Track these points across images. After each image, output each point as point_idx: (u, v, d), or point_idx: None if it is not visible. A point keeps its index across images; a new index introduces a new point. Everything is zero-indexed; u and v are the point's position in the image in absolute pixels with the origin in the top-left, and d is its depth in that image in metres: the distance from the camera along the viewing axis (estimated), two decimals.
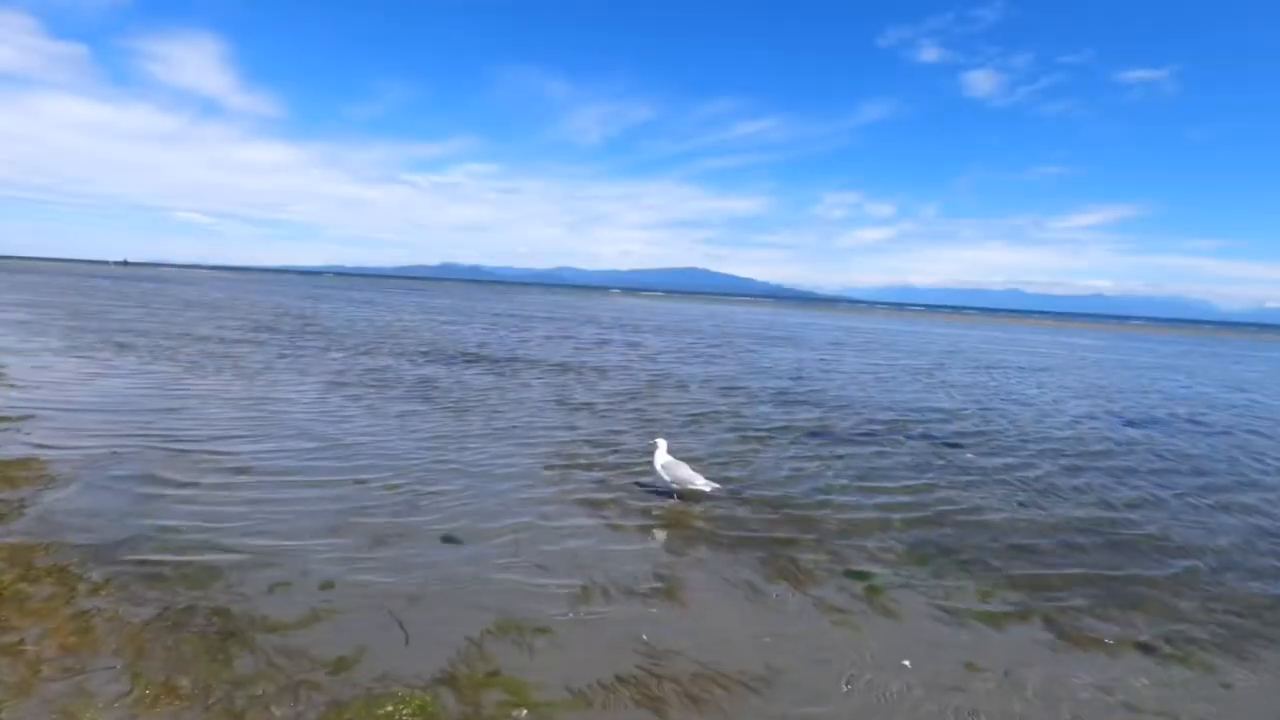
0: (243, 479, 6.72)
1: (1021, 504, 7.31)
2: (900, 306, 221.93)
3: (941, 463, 8.88)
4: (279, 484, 6.63)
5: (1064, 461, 9.37)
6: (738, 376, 16.57)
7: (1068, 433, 11.57)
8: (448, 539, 5.52)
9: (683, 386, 14.34)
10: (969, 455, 9.36)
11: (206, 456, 7.36)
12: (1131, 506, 7.48)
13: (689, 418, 10.89)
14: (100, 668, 3.58)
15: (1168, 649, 4.43)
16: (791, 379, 16.64)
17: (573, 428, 9.73)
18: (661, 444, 6.89)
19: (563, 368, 16.51)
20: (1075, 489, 8.04)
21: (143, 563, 4.81)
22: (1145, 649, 4.42)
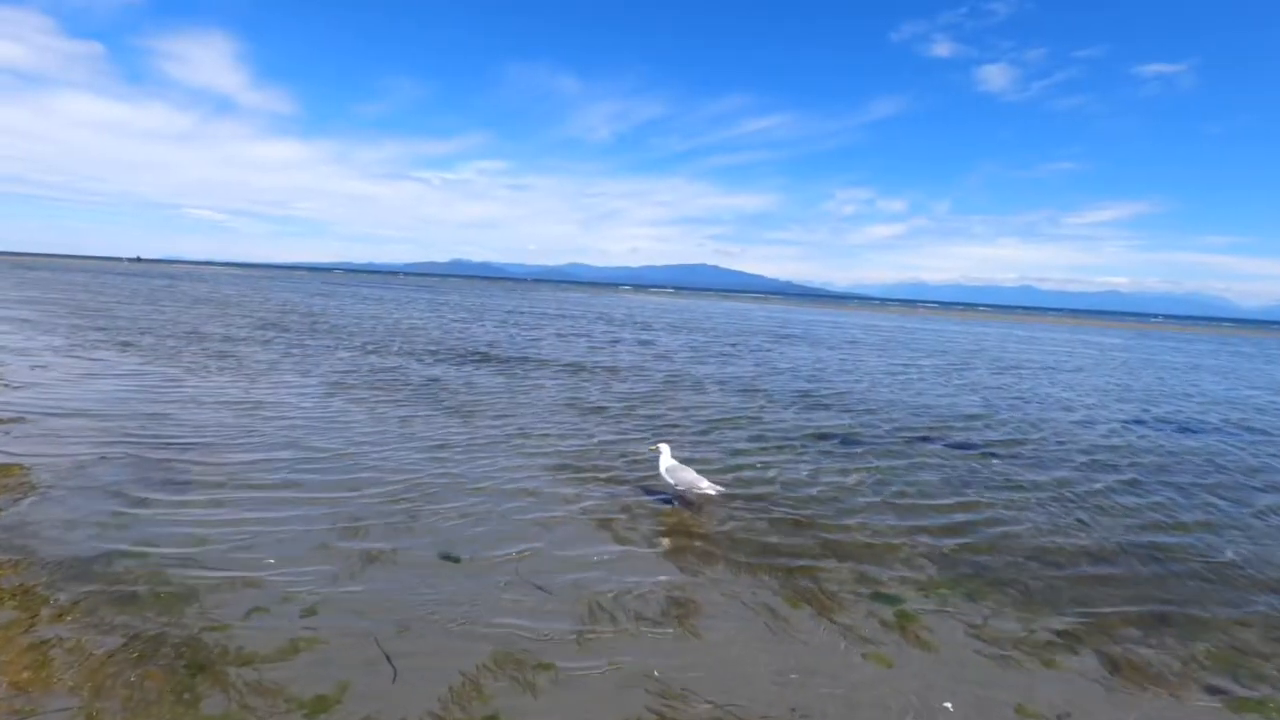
0: (233, 489, 6.37)
1: (1069, 521, 6.75)
2: (912, 303, 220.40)
3: (976, 473, 8.34)
4: (270, 495, 6.28)
5: (1117, 474, 8.65)
6: (755, 377, 16.06)
7: (1116, 441, 10.82)
8: (446, 557, 5.14)
9: (699, 388, 13.86)
10: (1007, 465, 8.77)
11: (197, 464, 7.02)
12: (1203, 528, 6.82)
13: (706, 423, 10.40)
14: (53, 709, 3.22)
15: (1240, 691, 3.97)
16: (811, 380, 16.09)
17: (583, 434, 9.30)
18: (665, 449, 6.65)
19: (575, 368, 16.06)
20: (1135, 507, 7.34)
21: (115, 583, 4.46)
22: (1213, 690, 3.96)
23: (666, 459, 6.59)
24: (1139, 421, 12.86)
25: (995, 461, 8.97)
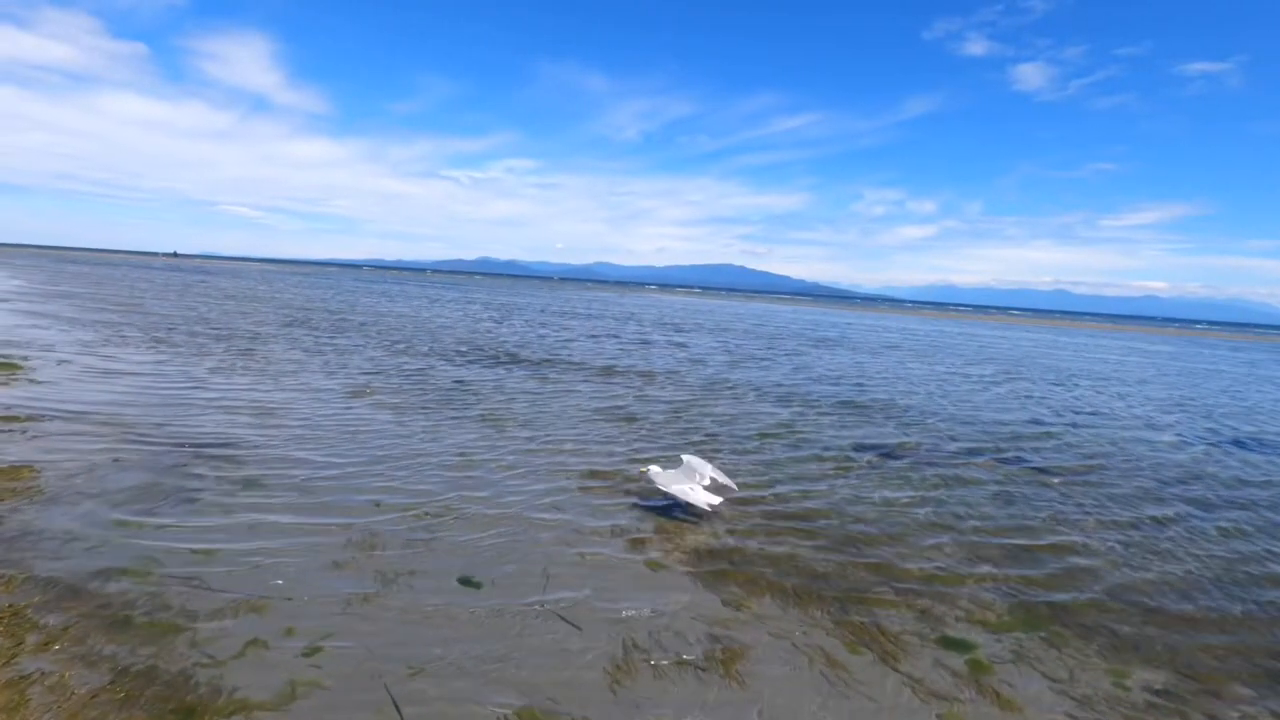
0: (246, 497, 6.03)
1: (1161, 559, 6.01)
2: (943, 306, 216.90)
3: (1047, 498, 7.63)
4: (285, 505, 5.93)
5: (1218, 505, 7.69)
6: (795, 384, 15.39)
7: (1212, 467, 9.55)
8: (466, 583, 4.71)
9: (738, 396, 13.21)
10: (1082, 490, 7.98)
11: (212, 469, 6.71)
12: None
13: (748, 436, 9.72)
14: None
15: None
16: (853, 387, 15.35)
17: (617, 446, 8.75)
18: (653, 469, 6.42)
19: (607, 371, 15.52)
20: (1244, 547, 6.48)
21: (110, 605, 4.11)
22: None
23: (658, 472, 6.36)
24: (1235, 443, 11.66)
25: (1068, 485, 8.19)
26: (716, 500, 6.27)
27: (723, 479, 6.60)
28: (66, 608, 4.05)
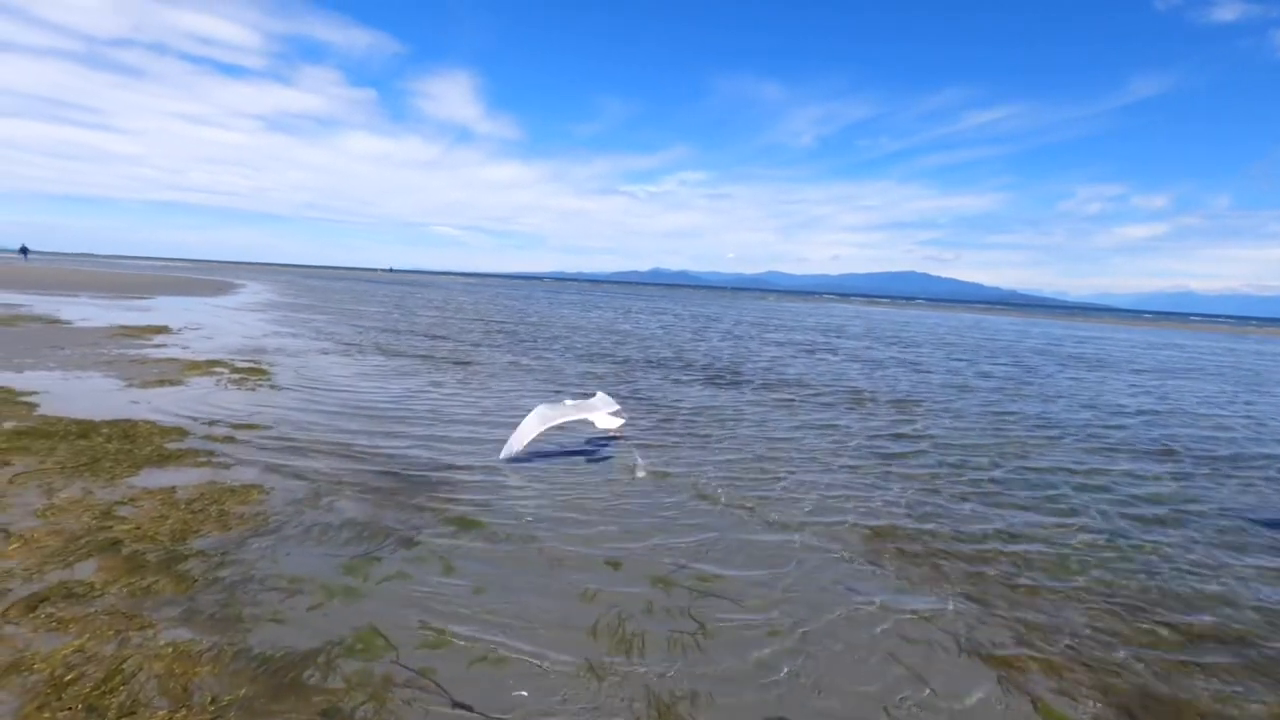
0: (468, 544, 5.07)
1: None
2: (1183, 316, 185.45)
3: None
4: (509, 556, 4.89)
5: None
6: (1119, 425, 11.37)
7: None
8: None
9: (1049, 440, 9.84)
10: None
11: (429, 501, 5.90)
12: None
13: (1120, 504, 6.90)
14: None
15: None
16: (1207, 431, 11.26)
17: (916, 507, 6.62)
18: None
19: (855, 399, 12.75)
20: None
21: (326, 712, 3.10)
22: None
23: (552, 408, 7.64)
24: None
25: None
26: (618, 422, 7.52)
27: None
28: (274, 711, 3.08)
